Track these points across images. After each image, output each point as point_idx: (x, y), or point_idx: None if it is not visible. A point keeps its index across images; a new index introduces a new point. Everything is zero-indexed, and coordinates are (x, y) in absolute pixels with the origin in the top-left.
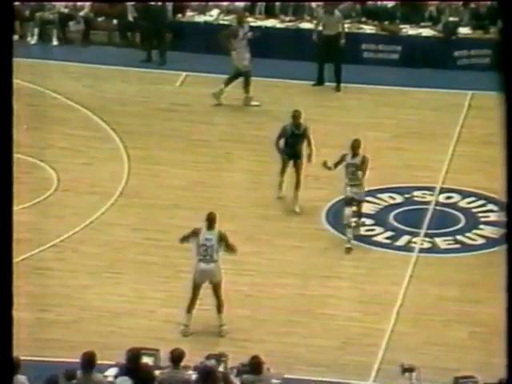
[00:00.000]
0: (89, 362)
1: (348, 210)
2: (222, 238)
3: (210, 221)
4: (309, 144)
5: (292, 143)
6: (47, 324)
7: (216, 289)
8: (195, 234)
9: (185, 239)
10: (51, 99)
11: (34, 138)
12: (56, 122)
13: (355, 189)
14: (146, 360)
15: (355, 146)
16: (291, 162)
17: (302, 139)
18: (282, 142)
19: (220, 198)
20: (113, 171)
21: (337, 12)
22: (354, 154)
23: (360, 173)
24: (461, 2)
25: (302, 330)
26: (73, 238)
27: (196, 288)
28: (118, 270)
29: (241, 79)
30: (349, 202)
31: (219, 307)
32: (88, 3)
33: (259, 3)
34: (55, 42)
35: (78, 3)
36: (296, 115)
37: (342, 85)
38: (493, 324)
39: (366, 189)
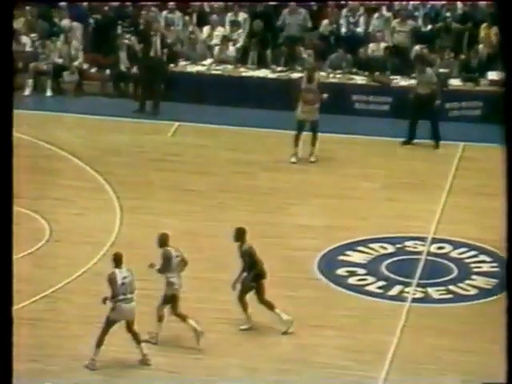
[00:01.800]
0: None
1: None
2: (132, 272)
3: (117, 261)
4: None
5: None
6: (37, 374)
7: (130, 326)
8: (114, 279)
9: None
10: (44, 150)
11: (26, 189)
12: (49, 173)
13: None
14: None
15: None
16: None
17: (244, 261)
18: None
19: (212, 248)
20: (105, 221)
21: (428, 70)
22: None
23: None
24: (452, 54)
25: (294, 379)
26: (65, 289)
27: (109, 326)
28: None
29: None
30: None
31: (138, 339)
32: (80, 53)
33: (251, 53)
34: (49, 93)
35: (72, 52)
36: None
37: (334, 135)
38: (485, 373)
39: (359, 238)
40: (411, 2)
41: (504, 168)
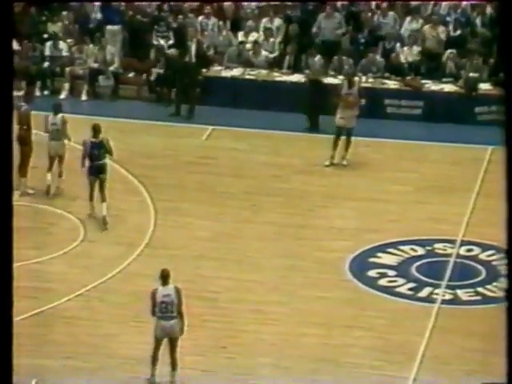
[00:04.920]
0: None
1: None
2: (180, 292)
3: (164, 278)
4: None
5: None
6: (72, 371)
7: (173, 345)
8: (154, 295)
9: (154, 311)
10: (78, 152)
11: (61, 190)
12: (84, 175)
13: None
14: None
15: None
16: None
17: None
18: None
19: (245, 249)
20: (139, 223)
21: (318, 58)
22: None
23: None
24: (480, 59)
25: (326, 378)
26: (99, 288)
27: (157, 343)
28: (144, 319)
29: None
30: None
31: (174, 365)
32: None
33: (287, 58)
34: (84, 97)
35: (108, 57)
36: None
37: (367, 139)
38: None
39: (390, 240)
40: (442, 6)
41: (504, 168)
